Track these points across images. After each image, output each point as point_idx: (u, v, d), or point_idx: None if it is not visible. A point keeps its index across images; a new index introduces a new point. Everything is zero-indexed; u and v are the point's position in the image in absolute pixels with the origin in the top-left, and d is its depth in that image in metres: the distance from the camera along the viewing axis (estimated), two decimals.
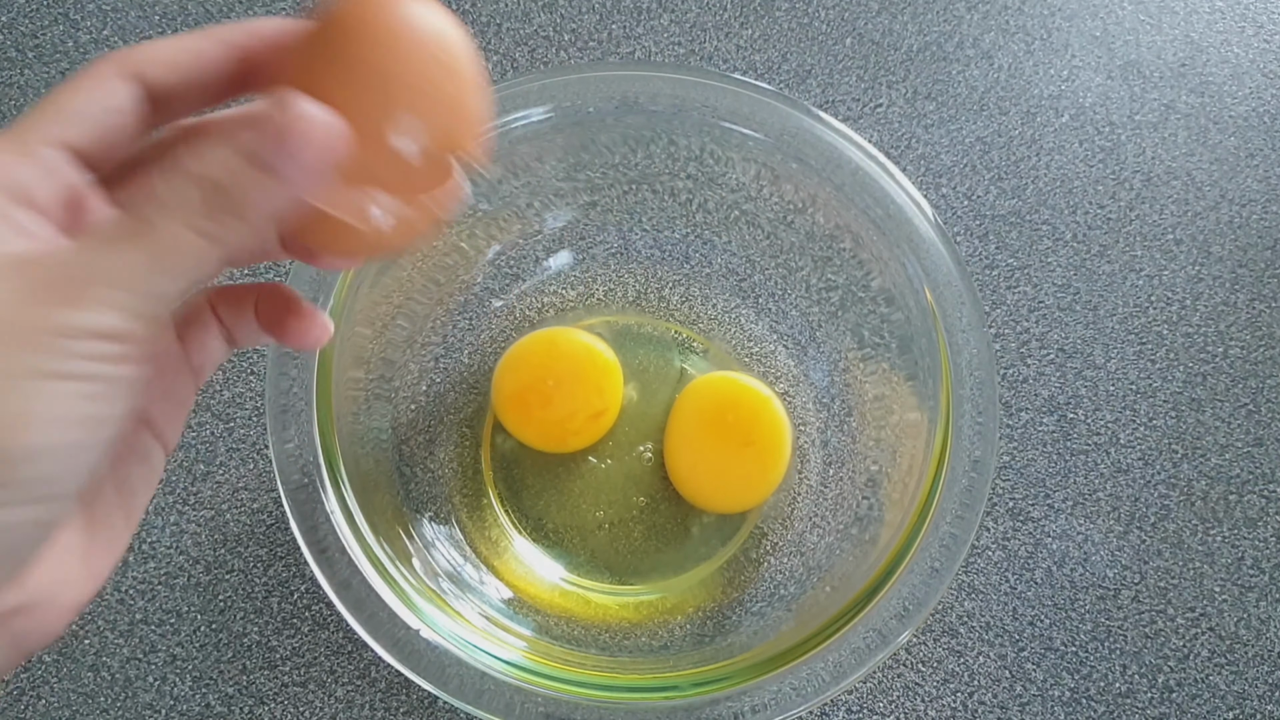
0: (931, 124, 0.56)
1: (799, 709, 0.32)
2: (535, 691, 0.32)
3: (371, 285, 0.39)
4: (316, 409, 0.34)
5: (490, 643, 0.33)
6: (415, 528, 0.40)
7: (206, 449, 0.47)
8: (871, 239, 0.40)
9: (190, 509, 0.46)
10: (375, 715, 0.43)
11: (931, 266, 0.38)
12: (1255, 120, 0.57)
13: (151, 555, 0.45)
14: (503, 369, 0.46)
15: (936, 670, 0.45)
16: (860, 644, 0.33)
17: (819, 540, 0.43)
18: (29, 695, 0.43)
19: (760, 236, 0.45)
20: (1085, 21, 0.59)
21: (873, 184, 0.39)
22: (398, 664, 0.32)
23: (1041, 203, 0.55)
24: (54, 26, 0.56)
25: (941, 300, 0.37)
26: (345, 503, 0.34)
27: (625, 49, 0.57)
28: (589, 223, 0.47)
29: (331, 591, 0.32)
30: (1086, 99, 0.57)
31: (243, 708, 0.43)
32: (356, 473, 0.35)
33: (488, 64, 0.57)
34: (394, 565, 0.34)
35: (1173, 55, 0.59)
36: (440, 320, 0.45)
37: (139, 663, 0.44)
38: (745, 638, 0.41)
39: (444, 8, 0.21)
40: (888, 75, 0.57)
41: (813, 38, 0.58)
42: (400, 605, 0.33)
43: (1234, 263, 0.54)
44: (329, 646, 0.44)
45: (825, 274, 0.44)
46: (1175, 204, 0.55)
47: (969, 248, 0.53)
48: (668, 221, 0.47)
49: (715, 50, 0.57)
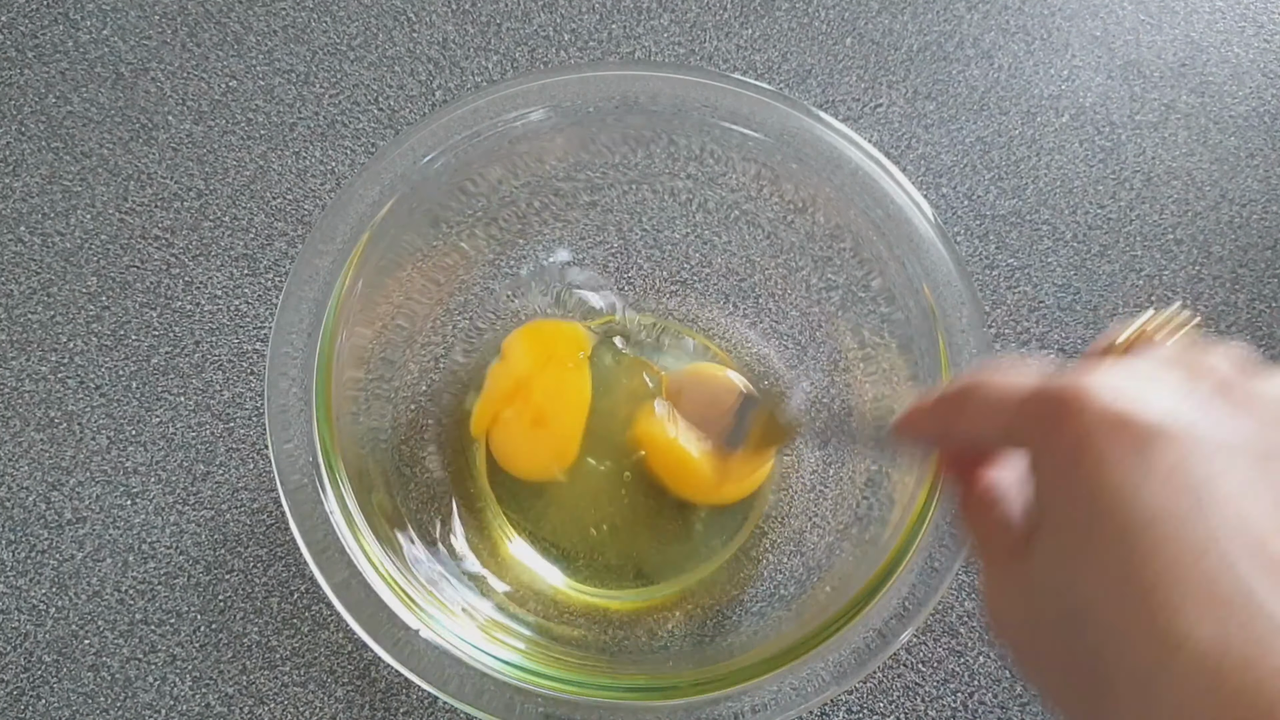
0: (931, 124, 0.56)
1: (799, 709, 0.32)
2: (535, 691, 0.32)
3: (372, 285, 0.39)
4: (316, 409, 0.34)
5: (490, 643, 0.33)
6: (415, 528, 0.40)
7: (206, 449, 0.47)
8: (871, 239, 0.40)
9: (190, 509, 0.46)
10: (375, 715, 0.43)
11: (931, 267, 0.38)
12: (1255, 120, 0.57)
13: (151, 555, 0.45)
14: (479, 414, 0.46)
15: (936, 670, 0.45)
16: (860, 644, 0.33)
17: (819, 540, 0.43)
18: (29, 695, 0.43)
19: (760, 236, 0.45)
20: (1085, 21, 0.59)
21: (872, 184, 0.39)
22: (397, 664, 0.32)
23: (1041, 203, 0.55)
24: (54, 26, 0.56)
25: (941, 300, 0.37)
26: (344, 503, 0.34)
27: (625, 49, 0.57)
28: (589, 223, 0.47)
29: (331, 592, 0.32)
30: (1086, 99, 0.57)
31: (243, 708, 0.43)
32: (356, 473, 0.35)
33: (488, 64, 0.57)
34: (393, 565, 0.34)
35: (1173, 55, 0.59)
36: (440, 320, 0.45)
37: (139, 663, 0.44)
38: (745, 638, 0.41)
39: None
40: (888, 75, 0.57)
41: (813, 38, 0.58)
42: (400, 605, 0.33)
43: (1234, 263, 0.54)
44: (329, 646, 0.44)
45: (825, 274, 0.44)
46: (1175, 204, 0.55)
47: (969, 248, 0.53)
48: (668, 221, 0.47)
49: (715, 50, 0.57)
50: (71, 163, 0.53)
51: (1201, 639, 0.16)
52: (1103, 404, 0.19)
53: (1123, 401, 0.19)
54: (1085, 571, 0.19)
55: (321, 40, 0.57)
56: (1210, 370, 0.20)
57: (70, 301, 0.50)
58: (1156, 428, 0.18)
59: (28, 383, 0.48)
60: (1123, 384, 0.19)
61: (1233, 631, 0.16)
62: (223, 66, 0.56)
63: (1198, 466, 0.18)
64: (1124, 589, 0.18)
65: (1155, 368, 0.20)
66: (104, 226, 0.51)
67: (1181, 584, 0.17)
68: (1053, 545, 0.20)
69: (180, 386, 0.48)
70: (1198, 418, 0.19)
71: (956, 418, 0.24)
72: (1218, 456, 0.18)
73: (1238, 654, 0.16)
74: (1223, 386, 0.19)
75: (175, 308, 0.50)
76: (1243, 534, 0.17)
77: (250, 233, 0.52)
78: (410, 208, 0.39)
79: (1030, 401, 0.21)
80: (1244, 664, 0.16)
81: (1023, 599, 0.21)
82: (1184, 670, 0.17)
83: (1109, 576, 0.18)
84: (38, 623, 0.44)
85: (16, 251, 0.51)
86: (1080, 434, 0.19)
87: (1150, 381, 0.19)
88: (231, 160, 0.53)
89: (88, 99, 0.54)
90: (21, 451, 0.47)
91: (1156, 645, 0.17)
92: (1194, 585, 0.17)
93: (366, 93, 0.55)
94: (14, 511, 0.46)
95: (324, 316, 0.36)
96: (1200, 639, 0.16)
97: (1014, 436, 0.21)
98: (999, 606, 0.22)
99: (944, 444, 0.26)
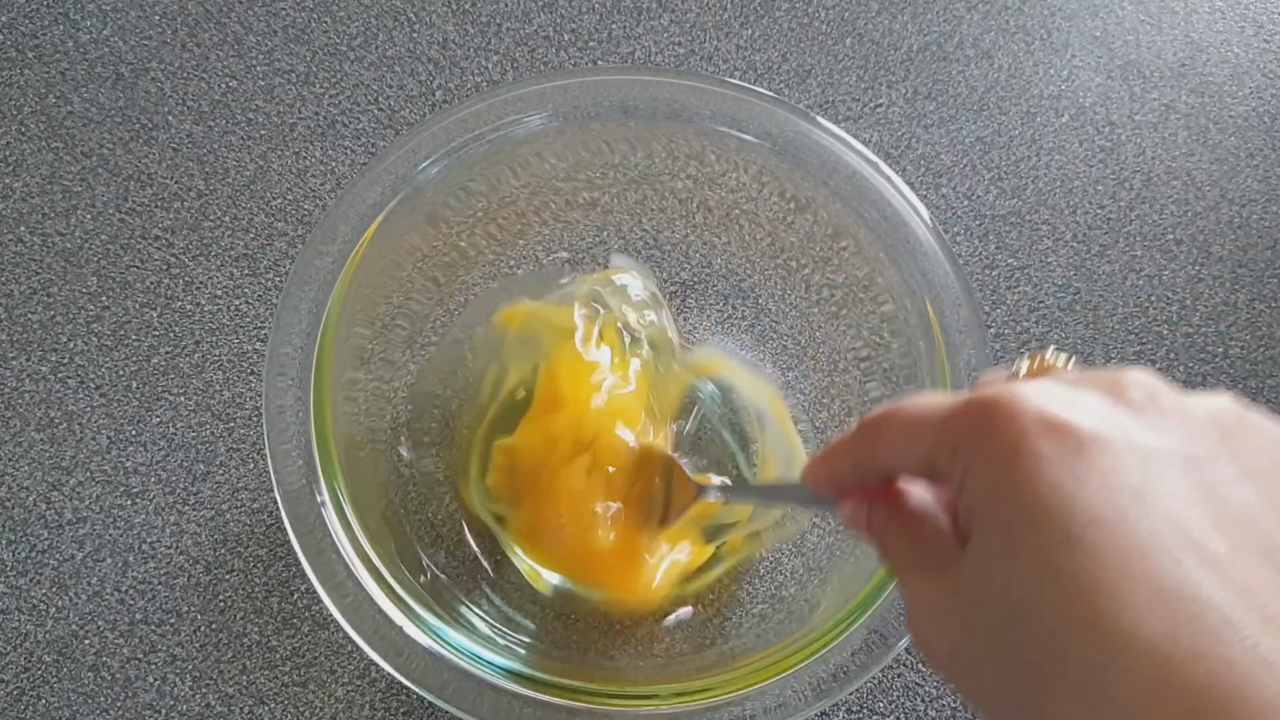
0: (931, 124, 0.56)
1: (803, 713, 0.32)
2: (532, 698, 0.32)
3: (372, 286, 0.39)
4: (313, 411, 0.34)
5: (487, 649, 0.33)
6: (412, 531, 0.40)
7: (206, 449, 0.47)
8: (869, 241, 0.40)
9: (190, 509, 0.46)
10: (375, 715, 0.43)
11: (928, 269, 0.38)
12: (1255, 120, 0.57)
13: (151, 555, 0.45)
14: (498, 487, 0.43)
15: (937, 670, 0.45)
16: (861, 645, 0.33)
17: (819, 540, 0.43)
18: (29, 695, 0.43)
19: (761, 235, 0.45)
20: (1085, 21, 0.59)
21: (869, 188, 0.39)
22: (393, 671, 0.31)
23: (1041, 203, 0.55)
24: (54, 26, 0.56)
25: (938, 302, 0.37)
26: (341, 505, 0.34)
27: (625, 49, 0.57)
28: (589, 223, 0.47)
29: (327, 597, 0.32)
30: (1086, 99, 0.57)
31: (243, 708, 0.43)
32: (353, 475, 0.35)
33: (488, 64, 0.57)
34: (390, 570, 0.34)
35: (1173, 55, 0.59)
36: (440, 320, 0.45)
37: (139, 663, 0.44)
38: (746, 640, 0.41)
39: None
40: (888, 75, 0.57)
41: (813, 38, 0.58)
42: (396, 611, 0.32)
43: (1234, 263, 0.54)
44: (329, 646, 0.44)
45: (825, 274, 0.44)
46: (1175, 204, 0.55)
47: (969, 248, 0.53)
48: (668, 221, 0.47)
49: (715, 50, 0.57)
50: (71, 163, 0.53)
51: (1150, 633, 0.16)
52: (1037, 408, 0.19)
53: (1056, 407, 0.19)
54: (1024, 570, 0.18)
55: (321, 40, 0.57)
56: (1128, 387, 0.20)
57: (70, 301, 0.50)
58: (1091, 432, 0.19)
59: (28, 383, 0.48)
60: (1054, 391, 0.20)
61: (1180, 625, 0.16)
62: (223, 66, 0.56)
63: (1132, 471, 0.18)
64: (1066, 586, 0.18)
65: (1077, 381, 0.21)
66: (104, 226, 0.51)
67: (1126, 580, 0.17)
68: (988, 548, 0.20)
69: (180, 386, 0.48)
70: (1129, 425, 0.19)
71: (874, 448, 0.24)
72: (1151, 462, 0.18)
73: (1188, 646, 0.16)
74: (1143, 402, 0.20)
75: (175, 308, 0.50)
76: (1183, 533, 0.17)
77: (250, 233, 0.52)
78: (410, 208, 0.39)
79: (957, 414, 0.21)
80: (1194, 656, 0.16)
81: (956, 609, 0.21)
82: (1131, 665, 0.17)
83: (1050, 574, 0.18)
84: (38, 623, 0.44)
85: (16, 251, 0.51)
86: (1015, 436, 0.19)
87: (1075, 394, 0.20)
88: (231, 160, 0.53)
89: (88, 99, 0.54)
90: (21, 451, 0.47)
91: (1102, 641, 0.17)
92: (1139, 581, 0.17)
93: (366, 93, 0.55)
94: (14, 511, 0.46)
95: (323, 317, 0.36)
96: (1148, 633, 0.17)
97: (937, 457, 0.21)
98: (929, 621, 0.22)
99: (857, 482, 0.26)
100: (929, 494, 0.24)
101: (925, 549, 0.23)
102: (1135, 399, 0.20)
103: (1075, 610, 0.17)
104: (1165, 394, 0.20)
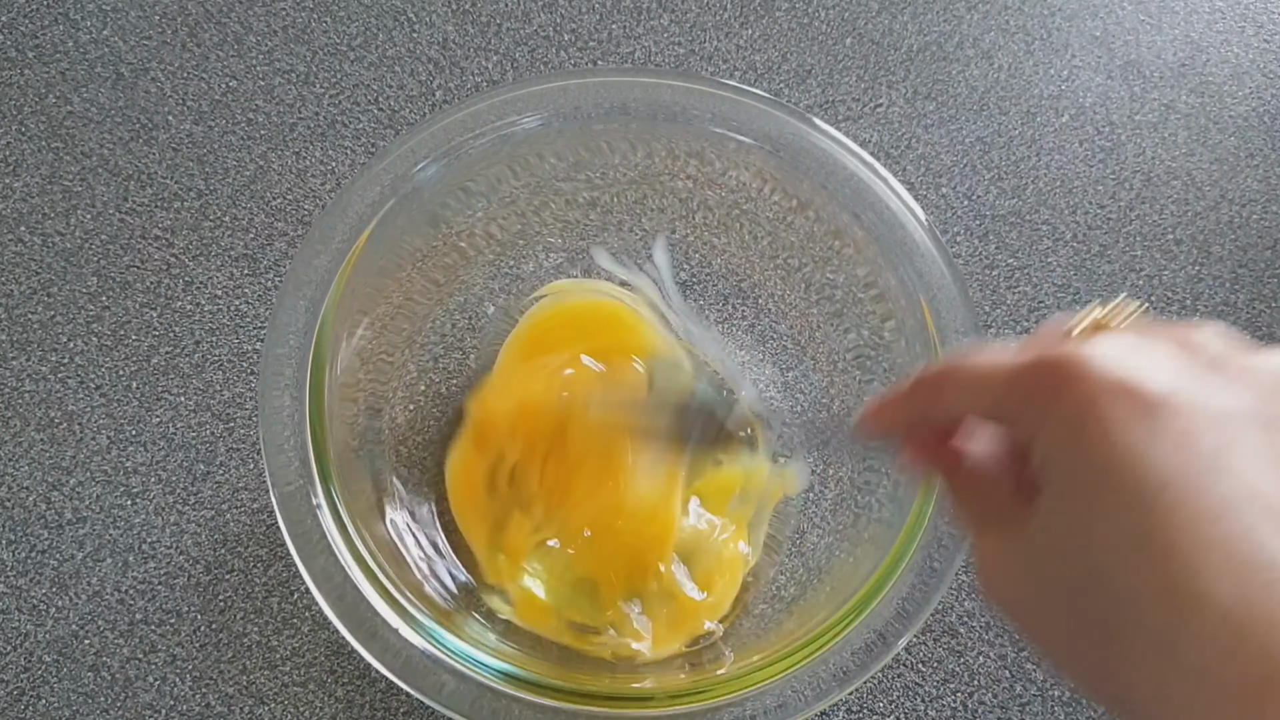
0: (931, 124, 0.56)
1: (802, 714, 0.32)
2: (529, 701, 0.32)
3: (371, 286, 0.39)
4: (309, 412, 0.34)
5: (484, 651, 0.33)
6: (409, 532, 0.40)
7: (206, 449, 0.47)
8: (866, 243, 0.40)
9: (190, 509, 0.46)
10: (375, 715, 0.43)
11: (925, 270, 0.38)
12: (1255, 120, 0.57)
13: (151, 555, 0.45)
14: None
15: (936, 670, 0.45)
16: (861, 645, 0.33)
17: (819, 540, 0.43)
18: (29, 695, 0.43)
19: (761, 235, 0.45)
20: (1085, 21, 0.59)
21: (866, 190, 0.39)
22: (389, 674, 0.31)
23: (1041, 203, 0.55)
24: (54, 26, 0.56)
25: (935, 303, 0.37)
26: (336, 508, 0.34)
27: (625, 49, 0.57)
28: (589, 223, 0.47)
29: (323, 600, 0.32)
30: (1086, 99, 0.57)
31: (243, 708, 0.43)
32: (351, 476, 0.35)
33: (488, 64, 0.57)
34: (385, 572, 0.33)
35: (1173, 55, 0.59)
36: (440, 320, 0.45)
37: (139, 663, 0.44)
38: (746, 640, 0.40)
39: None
40: (888, 75, 0.57)
41: (813, 38, 0.58)
42: (391, 613, 0.32)
43: (1234, 263, 0.54)
44: (329, 646, 0.44)
45: (825, 273, 0.44)
46: (1175, 204, 0.55)
47: (969, 248, 0.53)
48: (668, 222, 0.47)
49: (715, 50, 0.57)
50: (71, 163, 0.53)
51: (1223, 599, 0.16)
52: (1105, 370, 0.19)
53: (1125, 369, 0.19)
54: (1098, 534, 0.18)
55: (321, 40, 0.57)
56: (1200, 345, 0.20)
57: (70, 301, 0.50)
58: (1161, 396, 0.18)
59: (28, 383, 0.48)
60: (1121, 354, 0.19)
61: (1255, 593, 0.16)
62: (223, 66, 0.56)
63: (1205, 435, 0.18)
64: (1141, 550, 0.18)
65: (1146, 342, 0.20)
66: (104, 226, 0.51)
67: (1200, 545, 0.17)
68: (1059, 509, 0.20)
69: (180, 386, 0.48)
70: (1198, 388, 0.19)
71: (935, 400, 0.24)
72: (1224, 426, 0.18)
73: (1262, 615, 0.16)
74: (1216, 361, 0.20)
75: (175, 308, 0.50)
76: (1258, 498, 0.17)
77: (250, 233, 0.52)
78: (410, 208, 0.39)
79: (1024, 374, 0.21)
80: (1268, 625, 0.16)
81: (1024, 565, 0.21)
82: (1204, 630, 0.17)
83: (1124, 538, 0.18)
84: (38, 623, 0.44)
85: (16, 251, 0.51)
86: (1084, 399, 0.19)
87: (1145, 354, 0.20)
88: (231, 160, 0.53)
89: (88, 99, 0.54)
90: (21, 451, 0.47)
91: (1176, 605, 0.17)
92: (1213, 547, 0.17)
93: (366, 93, 0.55)
94: (14, 511, 0.46)
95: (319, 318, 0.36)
96: (1221, 599, 0.16)
97: (1003, 409, 0.21)
98: (997, 575, 0.22)
99: (915, 431, 0.25)
100: (987, 448, 0.24)
101: (991, 506, 0.23)
102: (1207, 357, 0.19)
103: (1148, 574, 0.17)
104: (1237, 352, 0.20)
